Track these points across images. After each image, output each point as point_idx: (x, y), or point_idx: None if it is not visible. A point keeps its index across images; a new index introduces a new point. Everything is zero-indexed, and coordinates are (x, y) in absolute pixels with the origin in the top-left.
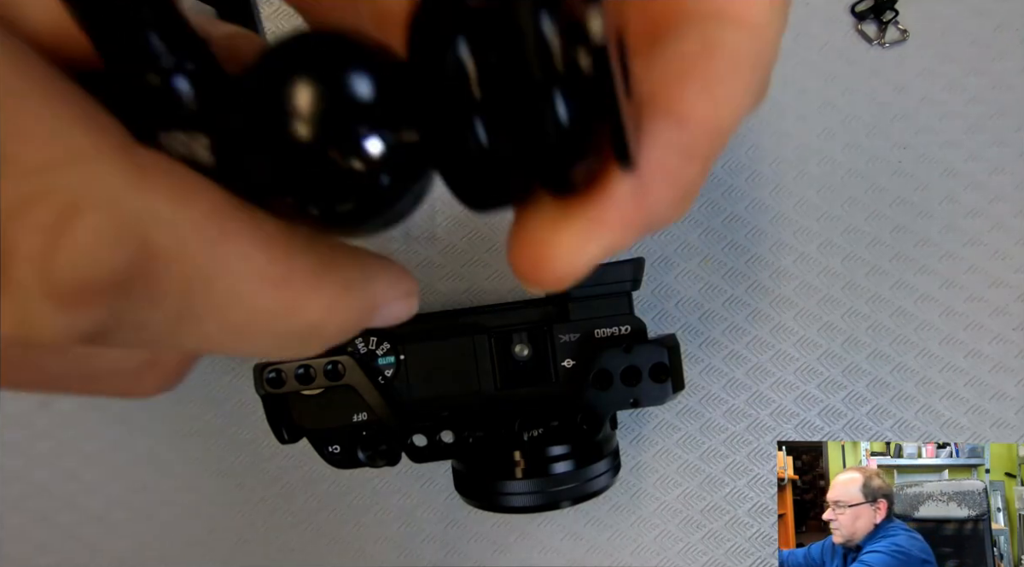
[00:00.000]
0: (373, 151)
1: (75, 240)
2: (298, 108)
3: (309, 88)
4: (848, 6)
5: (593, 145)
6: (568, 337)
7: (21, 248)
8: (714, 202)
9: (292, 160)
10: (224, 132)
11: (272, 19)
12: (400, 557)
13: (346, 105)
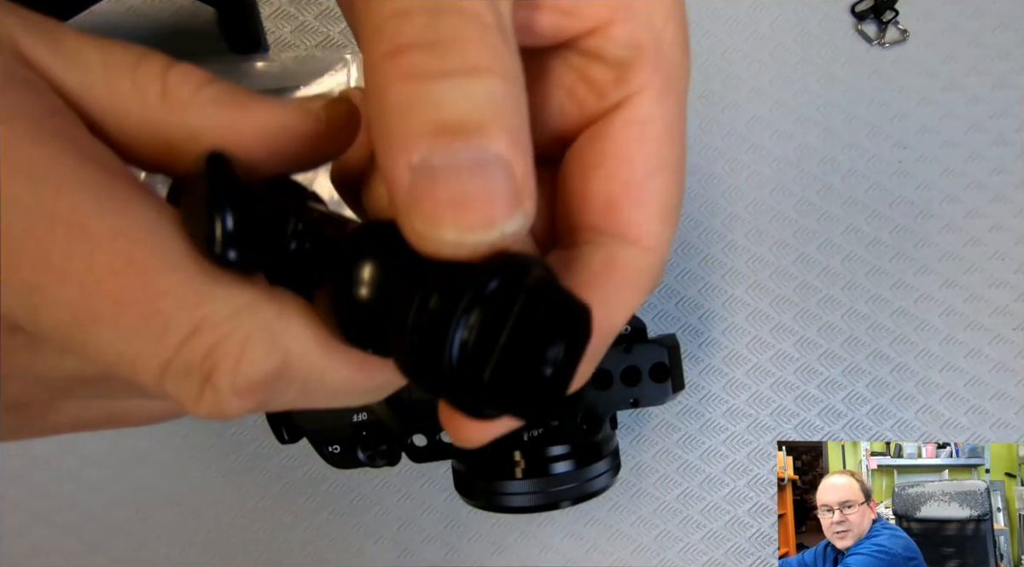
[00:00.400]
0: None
1: (249, 357)
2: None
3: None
4: (848, 6)
5: None
6: None
7: (220, 365)
8: (714, 202)
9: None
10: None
11: (272, 19)
12: (400, 557)
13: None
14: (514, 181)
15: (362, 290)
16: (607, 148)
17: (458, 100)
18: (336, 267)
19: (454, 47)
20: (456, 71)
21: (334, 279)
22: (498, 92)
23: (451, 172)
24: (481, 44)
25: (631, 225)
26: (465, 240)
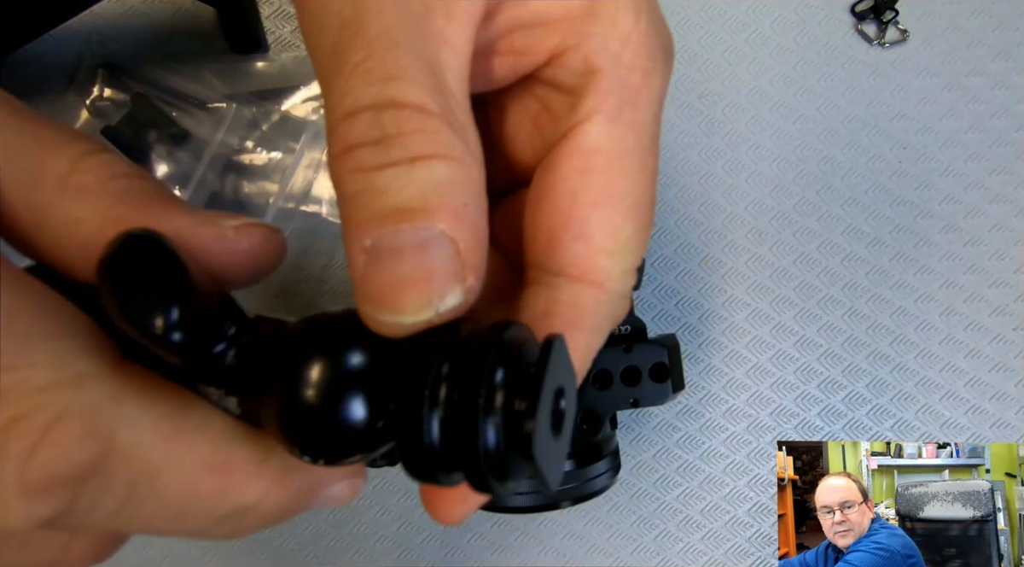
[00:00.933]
0: (355, 433)
1: (52, 443)
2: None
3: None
4: (848, 6)
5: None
6: None
7: (8, 452)
8: (714, 202)
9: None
10: (250, 401)
11: (272, 19)
12: (400, 557)
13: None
14: (458, 257)
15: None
16: (551, 180)
17: (403, 187)
18: (281, 364)
19: (396, 140)
20: (399, 161)
21: (279, 377)
22: (441, 174)
23: (396, 254)
24: (422, 133)
25: (573, 261)
26: (403, 321)
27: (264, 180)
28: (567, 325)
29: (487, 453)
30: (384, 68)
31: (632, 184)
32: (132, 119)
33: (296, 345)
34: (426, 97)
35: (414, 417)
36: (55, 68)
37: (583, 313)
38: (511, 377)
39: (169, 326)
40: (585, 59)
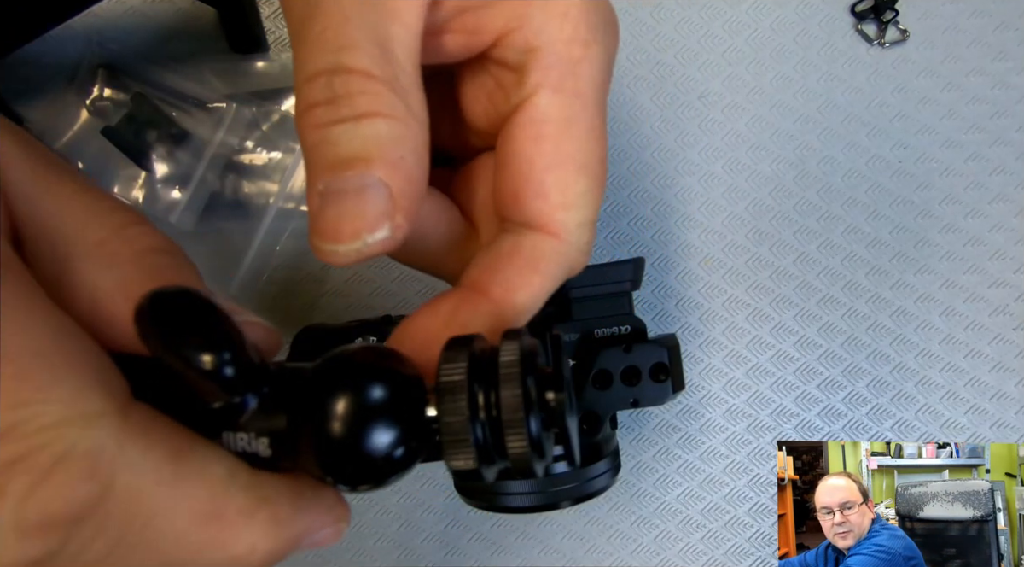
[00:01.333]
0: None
1: (52, 483)
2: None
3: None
4: (848, 6)
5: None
6: (568, 337)
7: (8, 490)
8: (714, 202)
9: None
10: (283, 438)
11: (272, 19)
12: (400, 557)
13: (381, 422)
14: (391, 200)
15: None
16: (510, 148)
17: (349, 140)
18: (312, 402)
19: (345, 100)
20: (347, 118)
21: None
22: (381, 130)
23: (340, 196)
24: (367, 95)
25: (534, 216)
26: (337, 250)
27: (264, 180)
28: (526, 265)
29: (533, 441)
30: (336, 39)
31: (580, 146)
32: (132, 119)
33: (324, 383)
34: (371, 64)
35: (461, 429)
36: (55, 68)
37: (541, 257)
38: (538, 377)
39: (223, 362)
40: (526, 39)
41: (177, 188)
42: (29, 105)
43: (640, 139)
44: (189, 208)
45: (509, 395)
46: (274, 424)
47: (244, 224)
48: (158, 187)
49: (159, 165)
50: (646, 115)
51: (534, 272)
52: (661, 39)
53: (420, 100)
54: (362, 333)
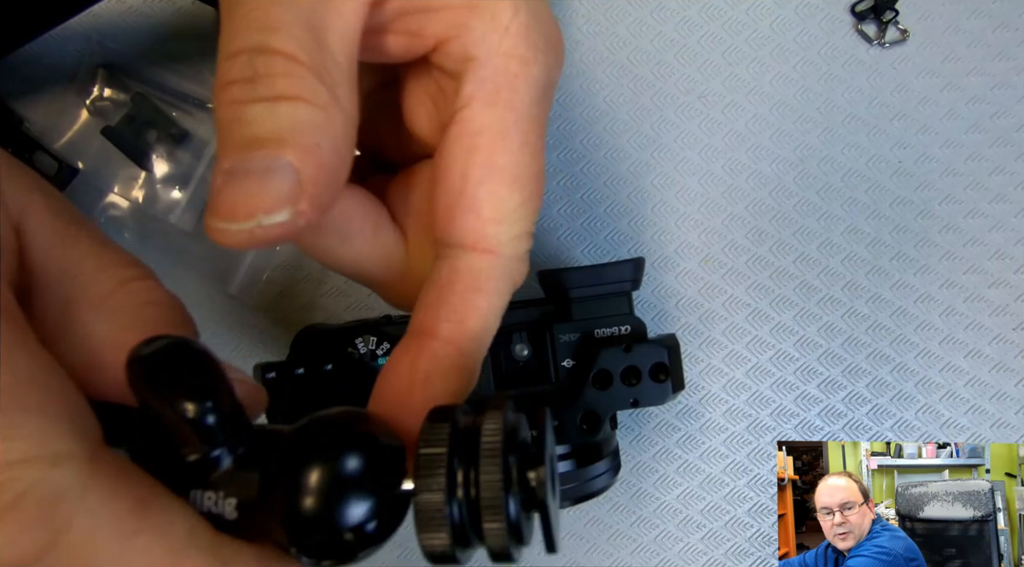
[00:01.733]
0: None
1: (3, 527)
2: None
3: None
4: (848, 6)
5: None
6: (568, 337)
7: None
8: (714, 202)
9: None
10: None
11: None
12: (400, 557)
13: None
14: (298, 185)
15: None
16: (445, 158)
17: (264, 120)
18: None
19: (264, 80)
20: (264, 98)
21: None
22: (300, 114)
23: (244, 175)
24: (289, 77)
25: (466, 233)
26: (229, 228)
27: None
28: (467, 289)
29: (511, 524)
30: (265, 20)
31: (514, 160)
32: (132, 119)
33: (298, 448)
34: (298, 48)
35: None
36: (55, 68)
37: (479, 277)
38: (520, 455)
39: (205, 410)
40: (464, 48)
41: (177, 188)
42: (29, 105)
43: (640, 139)
44: (189, 208)
45: (489, 474)
46: (244, 486)
47: None
48: (158, 187)
49: (159, 165)
50: (646, 115)
51: (477, 294)
52: (661, 39)
53: (350, 93)
54: (362, 333)
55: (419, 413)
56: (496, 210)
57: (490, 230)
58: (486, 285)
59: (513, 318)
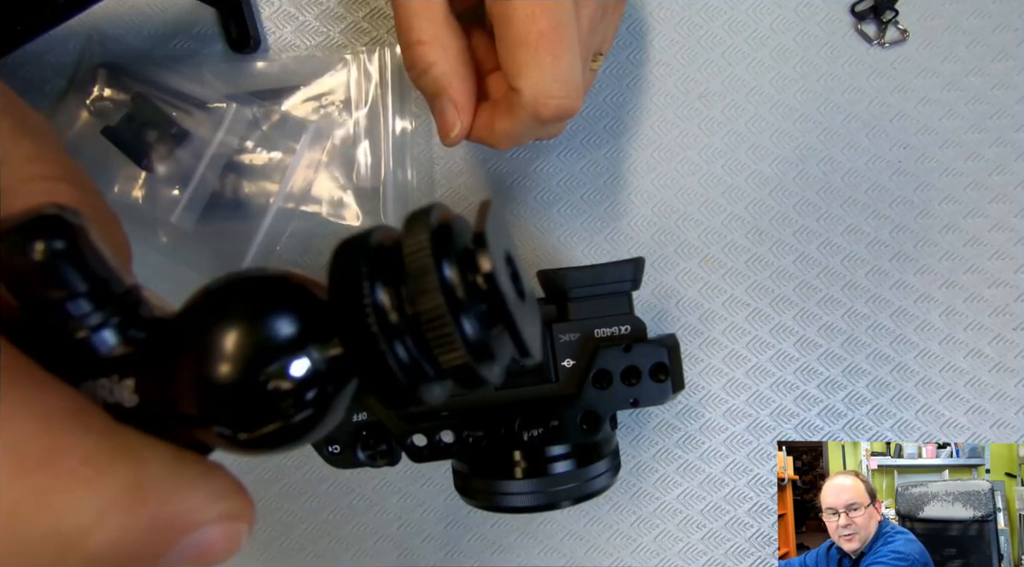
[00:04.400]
0: (290, 381)
1: None
2: (226, 350)
3: (235, 331)
4: (848, 6)
5: (496, 348)
6: (568, 337)
7: None
8: (714, 202)
9: (222, 396)
10: (152, 377)
11: (272, 19)
12: (400, 557)
13: (269, 345)
14: (456, 106)
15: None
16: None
17: (428, 85)
18: (194, 330)
19: (417, 62)
20: (421, 71)
21: (193, 345)
22: (437, 72)
23: (439, 112)
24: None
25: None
26: (448, 137)
27: (264, 180)
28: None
29: (472, 345)
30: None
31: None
32: (132, 119)
33: (208, 305)
34: (423, 35)
35: (375, 353)
36: (55, 68)
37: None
38: (459, 260)
39: (54, 251)
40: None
41: (177, 188)
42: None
43: (640, 139)
44: (189, 208)
45: (426, 296)
46: (143, 363)
47: (244, 224)
48: (158, 187)
49: (159, 165)
50: (646, 115)
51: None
52: (661, 39)
53: (452, 37)
54: None
55: None
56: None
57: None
58: (512, 112)
59: None
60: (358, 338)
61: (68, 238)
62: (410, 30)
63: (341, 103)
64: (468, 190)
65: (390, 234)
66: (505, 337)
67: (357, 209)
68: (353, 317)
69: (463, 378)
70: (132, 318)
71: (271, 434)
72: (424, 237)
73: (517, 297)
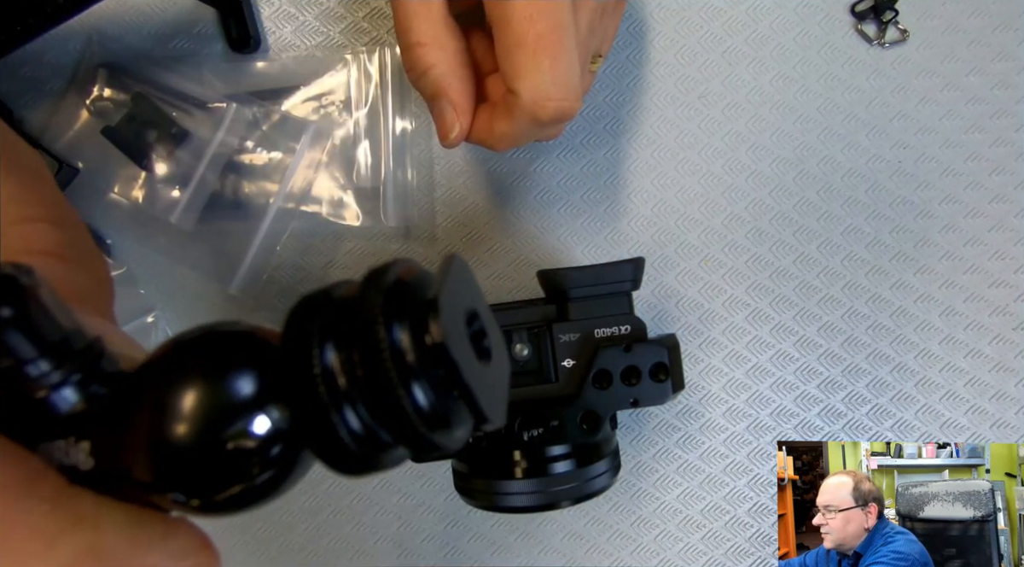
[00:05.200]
0: (250, 442)
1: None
2: (182, 409)
3: (192, 389)
4: (848, 6)
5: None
6: (568, 337)
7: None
8: (714, 202)
9: (180, 460)
10: (107, 439)
11: (272, 19)
12: (400, 557)
13: (228, 404)
14: (455, 107)
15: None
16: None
17: (427, 86)
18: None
19: (416, 64)
20: (421, 73)
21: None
22: (436, 74)
23: (438, 113)
24: (425, 56)
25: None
26: (447, 139)
27: (264, 180)
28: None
29: (423, 414)
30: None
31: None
32: (132, 119)
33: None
34: (423, 37)
35: (324, 422)
36: (55, 68)
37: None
38: (412, 323)
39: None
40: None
41: (177, 188)
42: (29, 105)
43: (640, 139)
44: (189, 208)
45: (374, 363)
46: (99, 423)
47: (244, 224)
48: (158, 187)
49: (159, 165)
50: (646, 115)
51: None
52: (661, 39)
53: (451, 39)
54: None
55: None
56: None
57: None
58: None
59: (513, 318)
60: (307, 404)
61: (16, 304)
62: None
63: (341, 103)
64: (468, 190)
65: (352, 289)
66: (461, 404)
67: (357, 209)
68: (302, 382)
69: (417, 447)
70: (93, 373)
71: (231, 498)
72: (377, 298)
73: (479, 358)
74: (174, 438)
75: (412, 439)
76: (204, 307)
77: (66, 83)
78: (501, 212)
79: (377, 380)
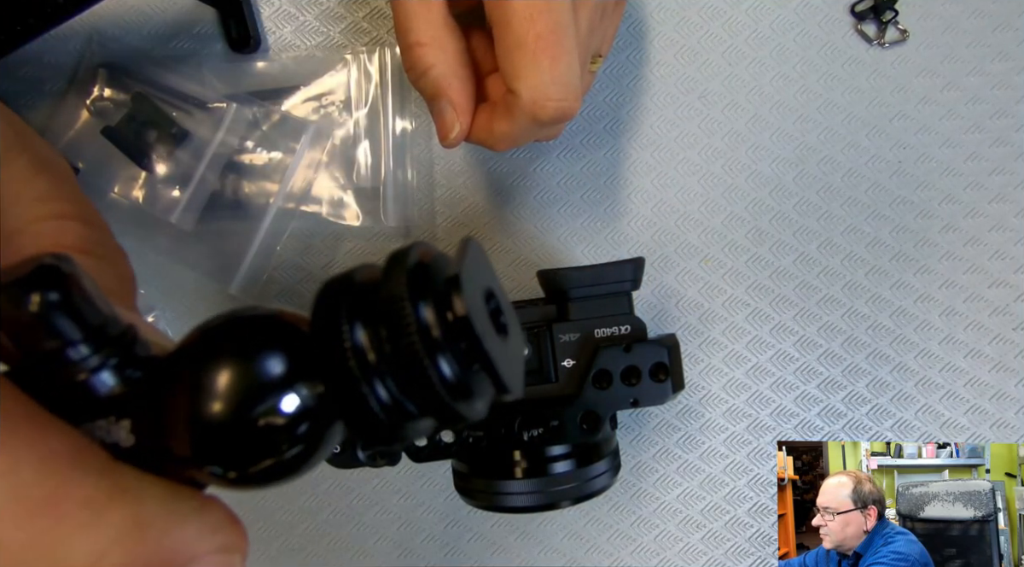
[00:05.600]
0: (280, 418)
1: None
2: (217, 389)
3: (226, 370)
4: (848, 6)
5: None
6: (568, 337)
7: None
8: (714, 202)
9: (215, 436)
10: (147, 418)
11: (272, 19)
12: (400, 557)
13: (259, 383)
14: (455, 106)
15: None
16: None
17: (427, 86)
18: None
19: (417, 64)
20: (421, 74)
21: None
22: (436, 73)
23: (438, 113)
24: (424, 56)
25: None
26: (447, 139)
27: (264, 180)
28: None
29: (448, 385)
30: (405, 25)
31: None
32: (132, 119)
33: (201, 346)
34: (422, 37)
35: (356, 393)
36: (55, 68)
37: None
38: (435, 300)
39: (49, 304)
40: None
41: (177, 188)
42: (29, 105)
43: (640, 139)
44: (189, 208)
45: (401, 338)
46: (138, 402)
47: (244, 224)
48: (158, 187)
49: (159, 165)
50: (646, 115)
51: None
52: (661, 39)
53: (451, 39)
54: None
55: None
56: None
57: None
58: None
59: None
60: (339, 379)
61: (62, 289)
62: (409, 32)
63: (341, 103)
64: (468, 190)
65: (373, 272)
66: (484, 374)
67: (357, 209)
68: (334, 358)
69: (443, 416)
70: (129, 358)
71: (264, 471)
72: (401, 277)
73: (498, 333)
74: (211, 416)
75: (437, 409)
76: (204, 307)
77: (66, 83)
78: (501, 212)
79: (405, 354)
